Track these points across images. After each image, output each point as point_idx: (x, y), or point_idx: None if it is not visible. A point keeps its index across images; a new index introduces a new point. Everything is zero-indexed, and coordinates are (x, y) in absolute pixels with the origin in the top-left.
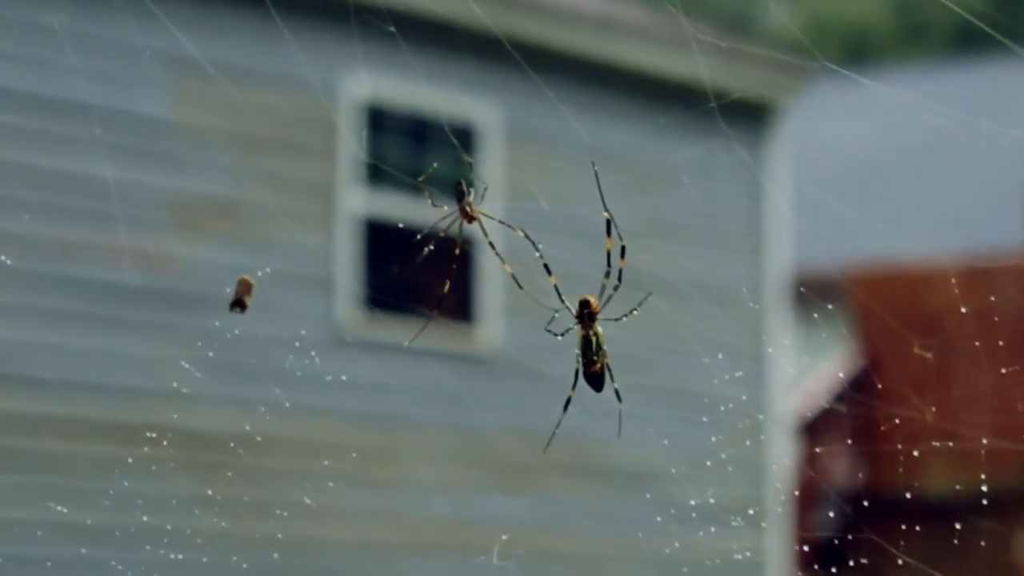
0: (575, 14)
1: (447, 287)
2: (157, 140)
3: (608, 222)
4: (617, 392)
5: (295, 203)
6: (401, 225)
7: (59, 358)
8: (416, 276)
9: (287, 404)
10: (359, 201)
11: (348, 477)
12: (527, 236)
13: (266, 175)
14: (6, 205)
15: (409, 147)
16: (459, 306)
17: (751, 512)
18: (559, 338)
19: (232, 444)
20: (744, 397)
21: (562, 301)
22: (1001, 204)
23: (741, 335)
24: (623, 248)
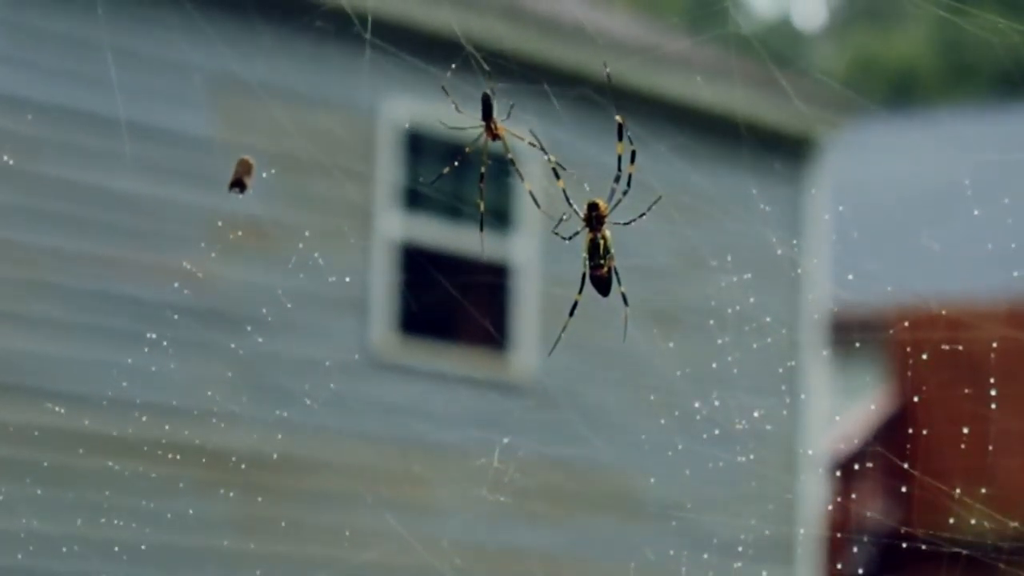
0: (618, 42)
1: (481, 207)
2: (196, 158)
3: (619, 126)
4: (624, 296)
5: (333, 225)
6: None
7: (93, 373)
8: (451, 302)
9: (321, 426)
10: (397, 225)
11: (380, 500)
12: (538, 141)
13: (305, 196)
14: (45, 220)
15: (448, 173)
16: (496, 333)
17: (783, 549)
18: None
19: (265, 465)
20: (779, 434)
21: (570, 204)
22: None
23: (777, 371)
24: (633, 153)
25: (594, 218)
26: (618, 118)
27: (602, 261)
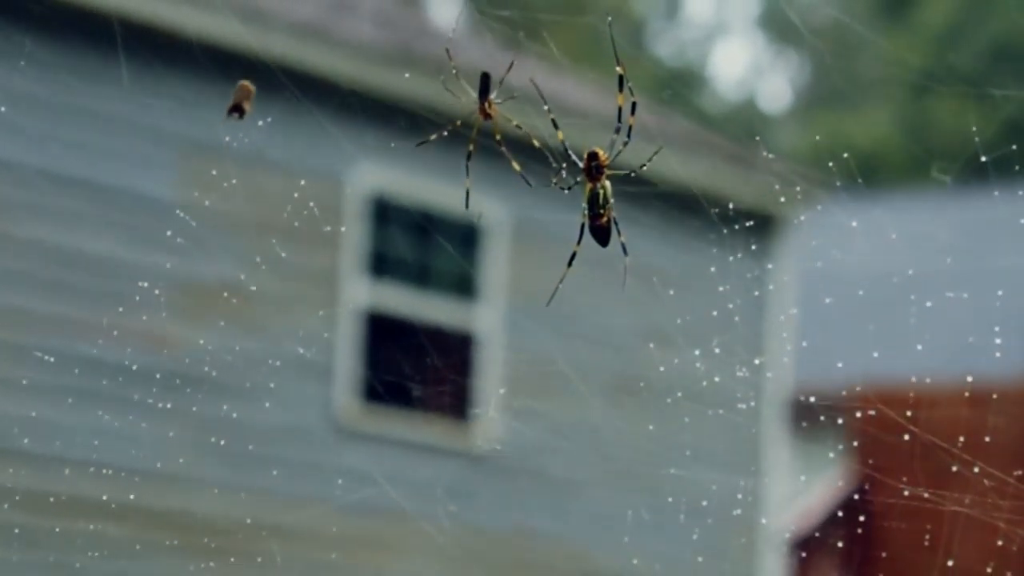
0: (583, 113)
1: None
2: (163, 221)
3: (620, 78)
4: (623, 246)
5: (299, 290)
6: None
7: (56, 435)
8: (416, 369)
9: (283, 492)
10: (363, 291)
11: (341, 568)
12: (537, 88)
13: (271, 261)
14: (11, 280)
15: (414, 240)
16: (459, 402)
17: None
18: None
19: (228, 529)
20: (738, 511)
21: (568, 155)
22: (1004, 329)
23: (738, 448)
24: (634, 104)
25: (594, 168)
26: (619, 69)
27: (602, 211)
